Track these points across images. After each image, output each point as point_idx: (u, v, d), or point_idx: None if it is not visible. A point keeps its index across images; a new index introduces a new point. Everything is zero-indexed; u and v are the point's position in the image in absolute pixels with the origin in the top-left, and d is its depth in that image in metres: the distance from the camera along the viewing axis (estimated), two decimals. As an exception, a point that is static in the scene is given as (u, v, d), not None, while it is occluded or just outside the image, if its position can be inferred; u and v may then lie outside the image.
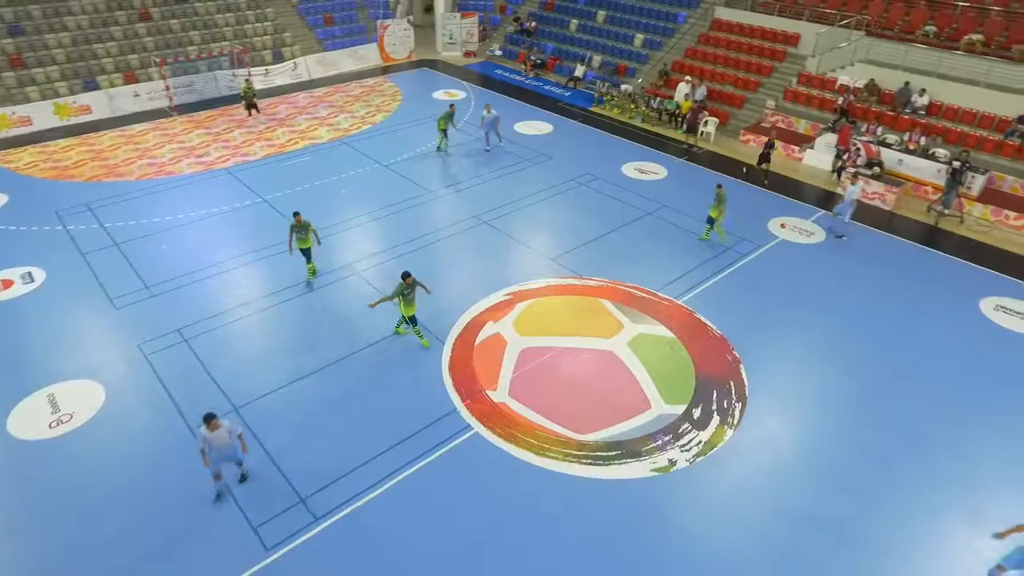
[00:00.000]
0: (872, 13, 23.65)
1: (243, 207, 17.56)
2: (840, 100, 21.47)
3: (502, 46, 31.61)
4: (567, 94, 26.80)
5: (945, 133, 19.46)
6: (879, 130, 20.17)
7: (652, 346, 12.73)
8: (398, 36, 30.99)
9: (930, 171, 18.70)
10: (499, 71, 29.93)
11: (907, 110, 20.60)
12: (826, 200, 18.64)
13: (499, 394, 11.54)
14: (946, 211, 17.54)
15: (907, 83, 20.73)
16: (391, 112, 24.60)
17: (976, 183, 18.02)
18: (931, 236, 17.07)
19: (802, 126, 22.22)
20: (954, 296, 14.50)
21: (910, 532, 9.30)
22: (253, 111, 23.24)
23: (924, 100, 20.34)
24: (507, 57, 31.16)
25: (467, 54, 32.03)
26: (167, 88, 24.36)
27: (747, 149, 21.98)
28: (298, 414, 11.02)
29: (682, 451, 10.51)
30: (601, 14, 29.71)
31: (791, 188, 19.39)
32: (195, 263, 15.00)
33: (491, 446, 10.53)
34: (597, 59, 28.18)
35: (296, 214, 13.98)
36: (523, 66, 29.37)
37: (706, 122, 22.45)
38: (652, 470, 10.17)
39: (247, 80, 24.05)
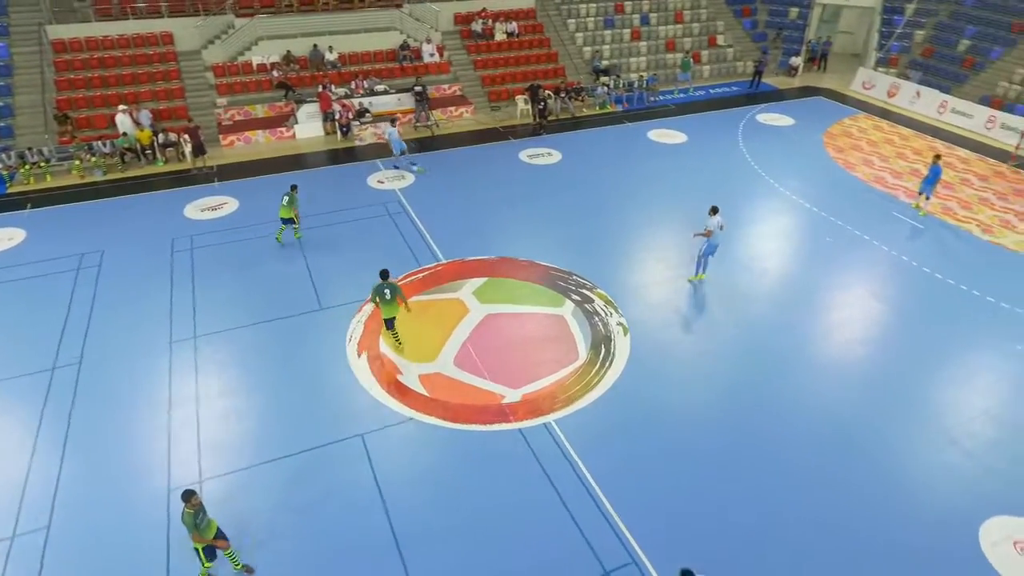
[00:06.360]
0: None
1: None
2: (275, 75, 23.04)
3: None
4: (-63, 193, 18.35)
5: (373, 72, 24.26)
6: (332, 87, 23.24)
7: (491, 291, 14.41)
8: None
9: (393, 103, 23.57)
10: None
11: (327, 66, 24.11)
12: (351, 155, 21.31)
13: (511, 396, 11.64)
14: (426, 124, 23.08)
15: (315, 45, 23.96)
16: None
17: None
18: (439, 141, 22.52)
19: (259, 111, 22.93)
20: (504, 155, 20.96)
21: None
22: None
23: (334, 55, 24.21)
24: None
25: None
26: None
27: (232, 151, 21.50)
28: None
29: (610, 316, 13.72)
30: None
31: (317, 160, 20.84)
32: None
33: (574, 418, 11.21)
34: (-73, 135, 19.53)
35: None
36: None
37: (185, 141, 20.26)
38: (626, 335, 13.16)
39: None
